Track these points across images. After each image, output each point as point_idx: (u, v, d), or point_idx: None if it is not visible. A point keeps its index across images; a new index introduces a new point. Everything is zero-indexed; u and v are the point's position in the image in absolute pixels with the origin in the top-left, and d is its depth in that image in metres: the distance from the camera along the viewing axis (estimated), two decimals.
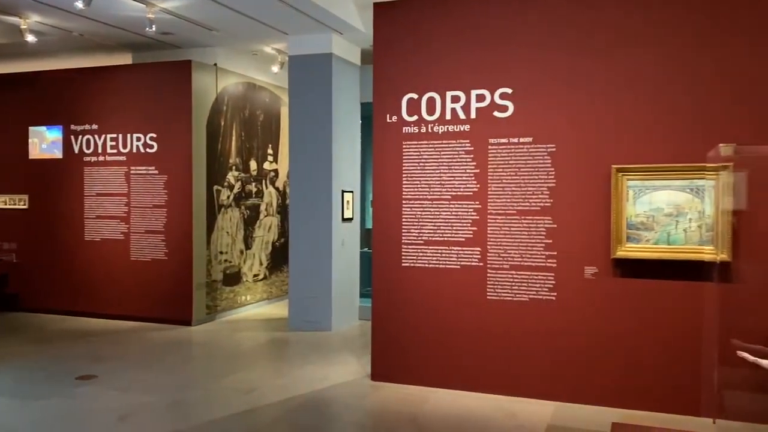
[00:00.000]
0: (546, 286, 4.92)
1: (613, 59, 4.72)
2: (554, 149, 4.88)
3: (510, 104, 5.00)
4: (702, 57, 4.51)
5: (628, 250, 4.64)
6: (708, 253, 4.38)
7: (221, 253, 8.18)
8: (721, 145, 2.37)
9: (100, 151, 8.08)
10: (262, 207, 8.98)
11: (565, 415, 4.62)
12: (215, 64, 8.04)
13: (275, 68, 8.36)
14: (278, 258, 9.26)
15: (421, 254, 5.26)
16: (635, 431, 2.77)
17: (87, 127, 8.15)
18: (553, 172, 4.89)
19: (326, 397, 5.06)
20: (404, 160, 5.30)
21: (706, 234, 4.46)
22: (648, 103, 4.64)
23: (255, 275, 8.86)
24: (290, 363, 6.10)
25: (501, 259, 5.04)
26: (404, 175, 5.31)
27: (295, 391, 5.19)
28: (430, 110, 5.22)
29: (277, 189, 9.25)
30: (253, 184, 8.76)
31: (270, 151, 9.07)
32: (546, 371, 4.91)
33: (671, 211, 4.55)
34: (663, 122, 4.59)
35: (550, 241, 4.90)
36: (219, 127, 8.09)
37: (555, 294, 4.89)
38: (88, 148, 8.14)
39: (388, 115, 5.35)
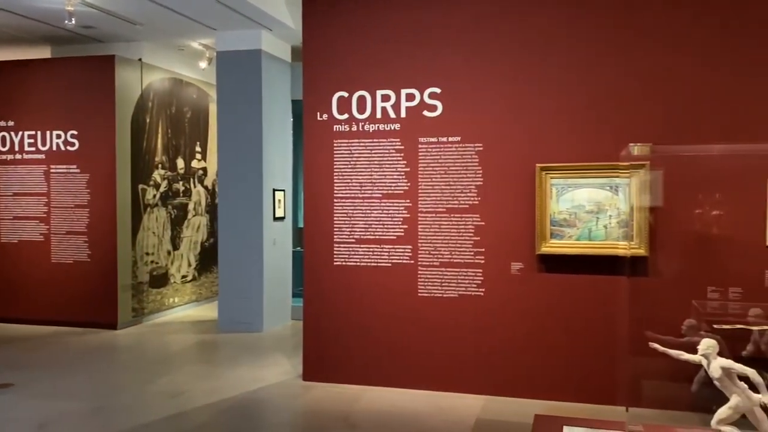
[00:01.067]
0: (475, 282, 5.01)
1: (536, 61, 4.86)
2: (482, 148, 4.98)
3: (439, 104, 5.07)
4: (620, 59, 4.70)
5: (552, 246, 4.79)
6: (626, 248, 4.57)
7: (147, 254, 7.94)
8: (631, 144, 2.48)
9: (17, 149, 7.70)
10: (190, 206, 8.77)
11: (494, 408, 4.73)
12: (140, 60, 7.79)
13: (203, 64, 8.18)
14: (207, 258, 9.07)
15: (352, 253, 5.27)
16: (555, 422, 2.86)
17: (2, 123, 7.74)
18: (481, 171, 4.99)
19: (256, 399, 5.00)
20: (335, 159, 5.29)
21: (625, 230, 4.65)
22: (570, 104, 4.80)
23: (183, 276, 8.65)
24: (220, 365, 5.99)
25: (431, 256, 5.10)
26: (335, 174, 5.30)
27: (224, 393, 5.10)
28: (361, 109, 5.23)
29: (205, 188, 9.06)
30: (181, 182, 8.55)
31: (198, 148, 8.87)
32: (475, 366, 5.01)
33: (592, 208, 4.73)
34: (584, 122, 4.76)
35: (479, 238, 5.00)
36: (144, 124, 7.84)
37: (483, 290, 4.99)
38: (3, 145, 7.73)
39: (318, 113, 5.33)
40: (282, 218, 7.66)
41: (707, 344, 2.28)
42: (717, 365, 2.25)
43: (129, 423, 4.46)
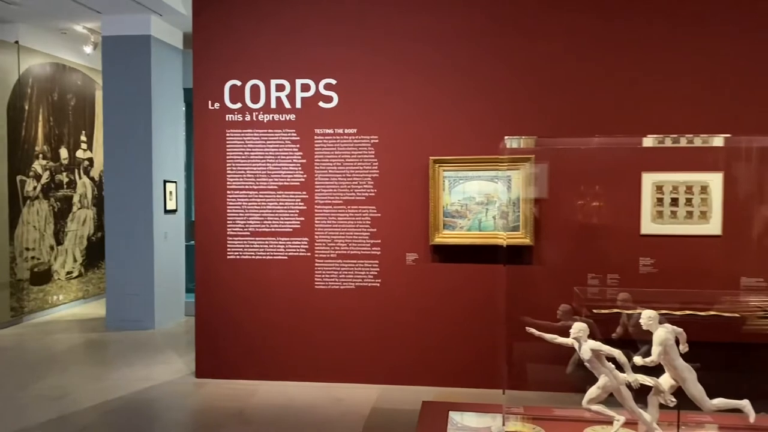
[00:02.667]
0: (371, 273, 5.05)
1: (429, 55, 4.94)
2: (377, 141, 5.02)
3: (335, 95, 5.05)
4: (509, 54, 4.86)
5: (445, 237, 4.91)
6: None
7: (28, 249, 7.44)
8: (507, 137, 2.58)
9: None
10: (75, 199, 8.29)
11: (389, 397, 4.79)
12: (17, 42, 7.26)
13: (88, 49, 7.73)
14: (94, 254, 8.61)
15: (247, 246, 5.17)
16: (442, 407, 2.94)
17: None
18: (377, 163, 5.03)
19: (146, 399, 4.81)
20: (228, 149, 5.16)
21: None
22: (463, 98, 4.92)
23: (68, 273, 8.18)
24: (107, 365, 5.72)
25: (328, 248, 5.09)
26: (228, 165, 5.17)
27: (111, 394, 4.87)
28: (255, 98, 5.13)
29: (92, 179, 8.59)
30: (65, 173, 8.06)
31: (83, 138, 8.39)
32: (371, 356, 5.05)
33: (482, 200, 4.88)
34: (476, 116, 4.89)
35: (375, 229, 5.04)
36: (22, 112, 7.32)
37: (379, 281, 5.04)
38: None
39: (209, 102, 5.17)
40: (174, 211, 7.39)
41: (578, 328, 2.41)
42: (587, 347, 2.39)
43: (6, 428, 4.17)
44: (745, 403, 2.41)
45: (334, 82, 5.05)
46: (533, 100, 4.84)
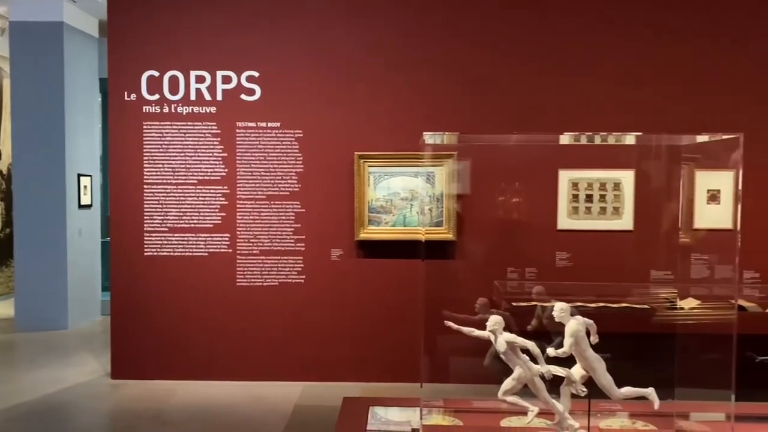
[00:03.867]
0: (295, 269, 5.00)
1: (354, 51, 4.93)
2: (302, 135, 4.96)
3: (257, 88, 4.96)
4: (434, 52, 4.91)
5: (370, 233, 4.91)
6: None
7: None
8: (425, 133, 2.59)
9: None
10: None
11: (313, 394, 4.75)
12: None
13: None
14: (2, 251, 8.14)
15: (165, 242, 5.01)
16: (362, 403, 2.93)
17: None
18: (301, 158, 4.97)
19: (57, 402, 4.59)
20: (145, 142, 4.98)
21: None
22: (387, 94, 4.93)
23: None
24: (16, 368, 5.42)
25: (251, 244, 5.00)
26: (145, 158, 4.99)
27: (19, 398, 4.62)
28: (173, 90, 4.97)
29: None
30: None
31: None
32: (295, 353, 5.00)
33: (407, 196, 4.91)
34: (400, 112, 4.91)
35: (299, 225, 4.99)
36: None
37: (304, 277, 4.99)
38: None
39: (126, 93, 4.98)
40: (89, 206, 7.08)
41: (494, 321, 2.45)
42: (502, 340, 2.42)
43: None
44: (650, 391, 2.51)
45: (256, 74, 4.95)
46: (458, 97, 4.90)
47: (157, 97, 4.96)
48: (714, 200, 4.50)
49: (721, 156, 2.86)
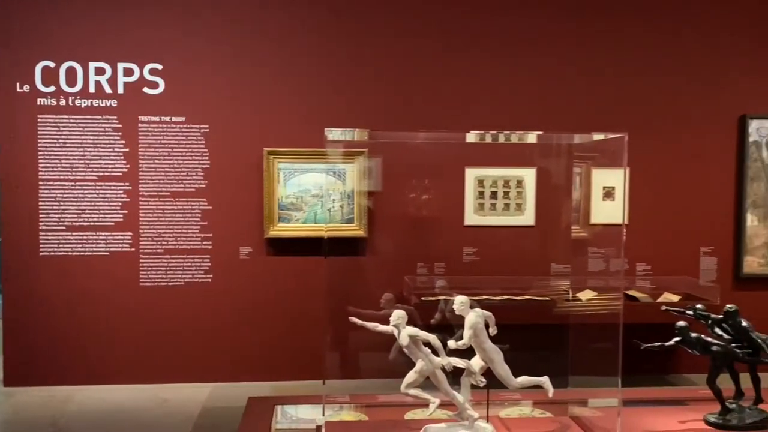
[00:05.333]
0: (202, 268, 4.88)
1: (263, 44, 4.87)
2: (208, 130, 4.85)
3: (161, 81, 4.80)
4: (345, 45, 4.92)
5: (280, 230, 4.86)
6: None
7: None
8: (327, 129, 2.60)
9: None
10: None
11: (221, 395, 4.65)
12: None
13: None
14: None
15: (63, 241, 4.77)
16: (268, 402, 2.91)
17: None
18: (208, 154, 4.86)
19: None
20: (40, 137, 4.72)
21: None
22: (297, 89, 4.89)
23: None
24: None
25: (155, 243, 4.84)
26: (40, 153, 4.73)
27: None
28: (71, 82, 4.74)
29: None
30: None
31: None
32: (203, 353, 4.88)
33: (318, 193, 4.89)
34: (311, 108, 4.87)
35: (206, 223, 4.87)
36: None
37: (211, 276, 4.88)
38: None
39: (18, 84, 4.69)
40: None
41: (397, 315, 2.48)
42: (405, 334, 2.46)
43: None
44: (544, 380, 2.62)
45: (160, 67, 4.79)
46: (371, 94, 4.93)
47: (52, 89, 4.71)
48: (609, 197, 4.75)
49: (613, 154, 3.01)
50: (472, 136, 3.84)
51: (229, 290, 4.87)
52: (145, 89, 4.79)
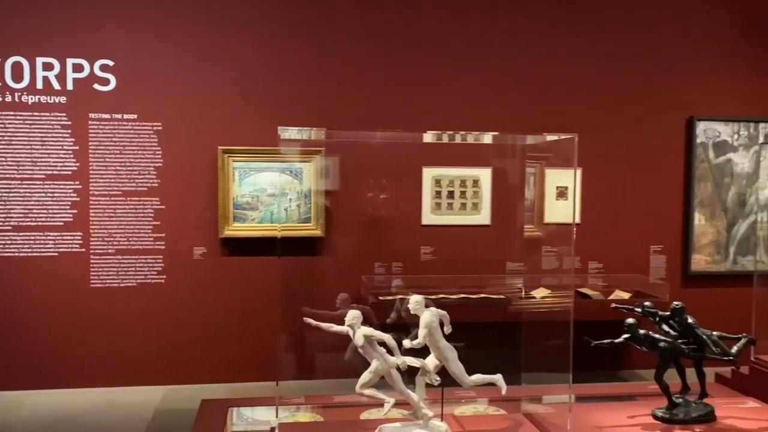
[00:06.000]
0: (155, 269, 4.78)
1: (218, 41, 4.79)
2: (161, 128, 4.75)
3: (112, 77, 4.69)
4: (302, 45, 4.87)
5: (235, 230, 4.79)
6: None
7: None
8: (280, 128, 2.58)
9: None
10: None
11: (175, 397, 4.57)
12: None
13: None
14: None
15: (9, 242, 4.61)
16: (221, 404, 2.87)
17: None
18: (160, 152, 4.76)
19: None
20: None
21: (304, 212, 4.86)
22: (252, 87, 4.83)
23: None
24: None
25: (106, 243, 4.72)
26: None
27: None
28: (17, 77, 4.58)
29: None
30: None
31: None
32: (156, 356, 4.79)
33: (274, 192, 4.84)
34: (266, 106, 4.82)
35: (159, 222, 4.77)
36: None
37: (164, 277, 4.79)
38: None
39: None
40: None
41: (352, 315, 2.48)
42: (360, 334, 2.46)
43: None
44: (498, 378, 2.65)
45: (111, 63, 4.67)
46: (327, 93, 4.89)
47: None
48: (562, 196, 4.83)
49: (565, 155, 3.06)
50: (429, 136, 3.86)
51: (182, 291, 4.79)
52: (96, 86, 4.67)
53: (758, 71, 5.34)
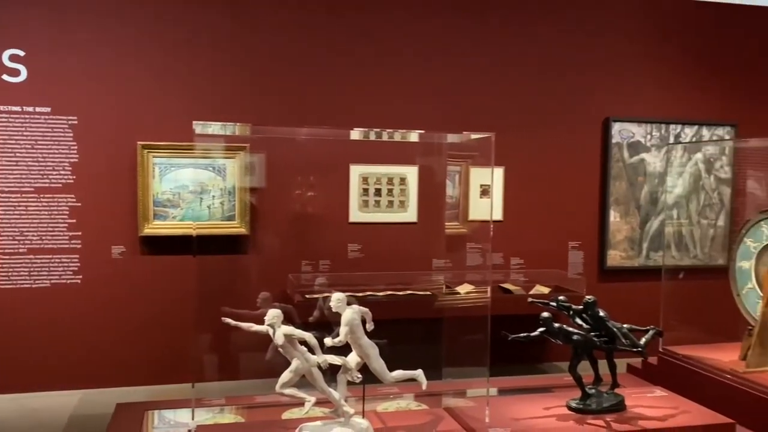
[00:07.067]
0: (70, 268, 4.59)
1: (138, 32, 4.63)
2: (76, 122, 4.55)
3: (23, 68, 4.46)
4: (229, 39, 4.78)
5: (155, 228, 4.65)
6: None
7: None
8: (195, 122, 2.53)
9: None
10: None
11: (91, 401, 4.39)
12: None
13: None
14: None
15: None
16: (137, 408, 2.79)
17: None
18: (76, 147, 4.56)
19: None
20: None
21: (228, 210, 4.76)
22: (175, 81, 4.69)
23: None
24: None
25: (16, 242, 4.49)
26: None
27: None
28: None
29: None
30: None
31: None
32: (72, 359, 4.59)
33: (196, 189, 4.73)
34: (188, 101, 4.70)
35: (74, 220, 4.58)
36: None
37: (81, 276, 4.60)
38: None
39: None
40: None
41: (272, 314, 2.45)
42: (280, 333, 2.44)
43: None
44: (418, 373, 2.69)
45: (21, 53, 4.44)
46: (251, 88, 4.81)
47: None
48: (486, 194, 4.94)
49: (484, 153, 3.13)
50: (356, 134, 3.86)
51: (100, 291, 4.61)
52: (5, 77, 4.42)
53: (671, 75, 5.61)
